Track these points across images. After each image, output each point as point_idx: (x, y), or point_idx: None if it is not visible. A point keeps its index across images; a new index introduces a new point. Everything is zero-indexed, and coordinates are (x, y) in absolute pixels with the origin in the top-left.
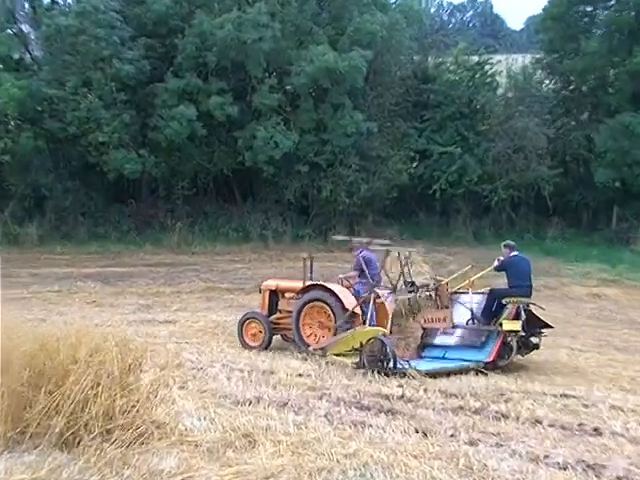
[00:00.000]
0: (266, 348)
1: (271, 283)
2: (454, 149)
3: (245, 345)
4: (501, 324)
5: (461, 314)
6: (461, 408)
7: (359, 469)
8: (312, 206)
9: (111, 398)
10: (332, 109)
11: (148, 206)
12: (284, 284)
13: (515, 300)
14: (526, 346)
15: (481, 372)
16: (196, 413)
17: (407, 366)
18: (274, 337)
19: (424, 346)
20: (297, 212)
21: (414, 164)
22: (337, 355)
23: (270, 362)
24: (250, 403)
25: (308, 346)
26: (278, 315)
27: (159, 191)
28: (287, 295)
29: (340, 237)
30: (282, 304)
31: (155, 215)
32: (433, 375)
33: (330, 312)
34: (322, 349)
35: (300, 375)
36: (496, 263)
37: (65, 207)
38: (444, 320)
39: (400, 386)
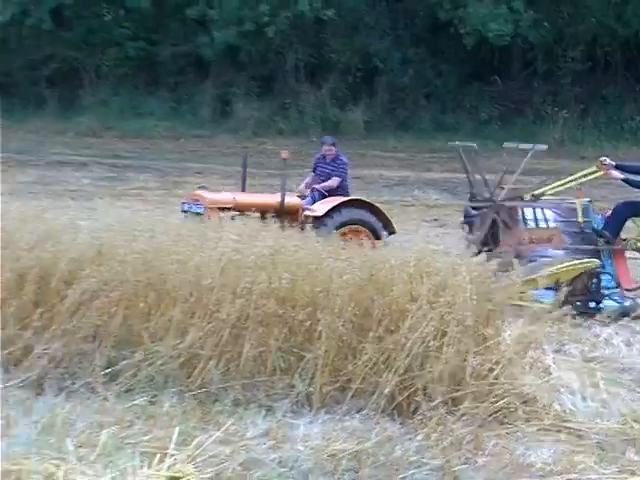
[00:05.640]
0: None
1: (220, 197)
2: None
3: None
4: None
5: None
6: None
7: None
8: None
9: (461, 355)
10: None
11: (519, 86)
12: (244, 198)
13: None
14: None
15: None
16: (580, 390)
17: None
18: None
19: None
20: None
21: None
22: None
23: None
24: None
25: None
26: None
27: (536, 64)
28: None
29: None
30: None
31: (528, 99)
32: None
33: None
34: None
35: None
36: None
37: (403, 85)
38: None
39: None
